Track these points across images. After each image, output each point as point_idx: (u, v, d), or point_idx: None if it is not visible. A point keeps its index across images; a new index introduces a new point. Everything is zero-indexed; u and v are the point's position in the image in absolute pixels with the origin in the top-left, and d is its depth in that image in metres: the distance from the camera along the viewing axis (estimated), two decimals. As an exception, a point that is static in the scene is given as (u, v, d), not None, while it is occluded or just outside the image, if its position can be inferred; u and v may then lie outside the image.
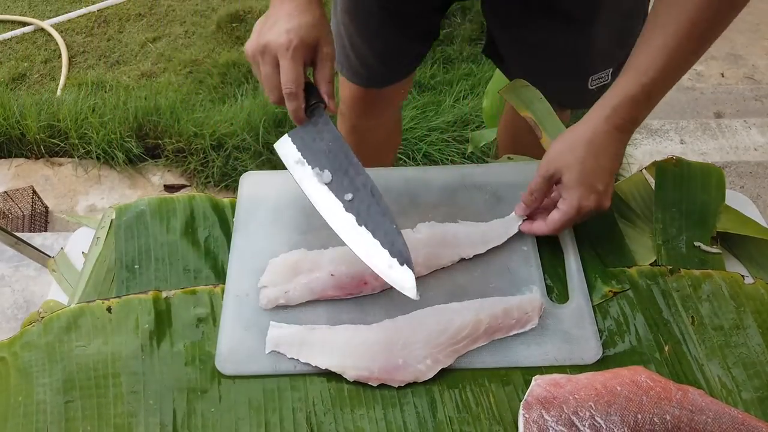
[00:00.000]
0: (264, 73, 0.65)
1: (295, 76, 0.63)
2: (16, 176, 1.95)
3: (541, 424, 0.57)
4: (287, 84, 0.63)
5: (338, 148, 0.66)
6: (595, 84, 0.91)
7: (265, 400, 0.61)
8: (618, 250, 0.71)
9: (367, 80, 1.04)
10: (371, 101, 1.09)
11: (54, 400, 0.61)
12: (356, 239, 0.61)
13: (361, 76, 1.03)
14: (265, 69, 0.64)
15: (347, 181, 0.64)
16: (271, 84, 0.65)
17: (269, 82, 0.65)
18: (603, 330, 0.65)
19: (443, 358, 0.63)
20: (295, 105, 0.65)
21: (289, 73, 0.63)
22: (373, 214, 0.62)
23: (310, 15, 0.64)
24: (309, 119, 0.67)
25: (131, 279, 0.69)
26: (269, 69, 0.64)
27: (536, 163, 0.78)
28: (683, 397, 0.58)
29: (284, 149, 0.68)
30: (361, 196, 0.63)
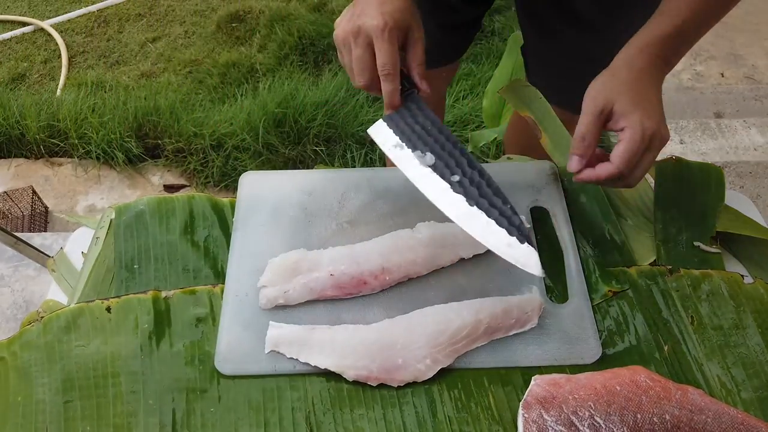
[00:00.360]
0: (356, 56, 0.63)
1: (393, 57, 0.62)
2: (16, 176, 1.95)
3: (540, 423, 0.57)
4: (385, 65, 0.62)
5: (437, 131, 0.65)
6: None
7: (265, 399, 0.61)
8: (617, 249, 0.71)
9: None
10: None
11: (53, 399, 0.61)
12: (469, 220, 0.61)
13: None
14: (357, 51, 0.63)
15: (452, 162, 0.64)
16: (362, 65, 0.63)
17: (361, 64, 0.63)
18: (602, 330, 0.65)
19: (443, 358, 0.63)
20: (392, 87, 0.64)
21: (387, 54, 0.62)
22: (485, 193, 0.62)
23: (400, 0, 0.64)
24: (402, 103, 0.66)
25: (130, 279, 0.69)
26: (361, 51, 0.63)
27: (534, 162, 0.78)
28: (683, 396, 0.58)
29: (380, 134, 0.67)
30: (469, 177, 0.63)
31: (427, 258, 0.68)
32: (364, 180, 0.77)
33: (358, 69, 0.64)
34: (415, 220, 0.72)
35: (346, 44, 0.64)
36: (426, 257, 0.68)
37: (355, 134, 1.94)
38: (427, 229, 0.70)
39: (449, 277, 0.69)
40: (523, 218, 0.71)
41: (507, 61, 1.62)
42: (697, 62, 2.30)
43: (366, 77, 0.64)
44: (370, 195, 0.75)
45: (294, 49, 2.33)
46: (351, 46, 0.63)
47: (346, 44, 0.64)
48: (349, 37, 0.63)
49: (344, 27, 0.64)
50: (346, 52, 0.65)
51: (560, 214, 0.72)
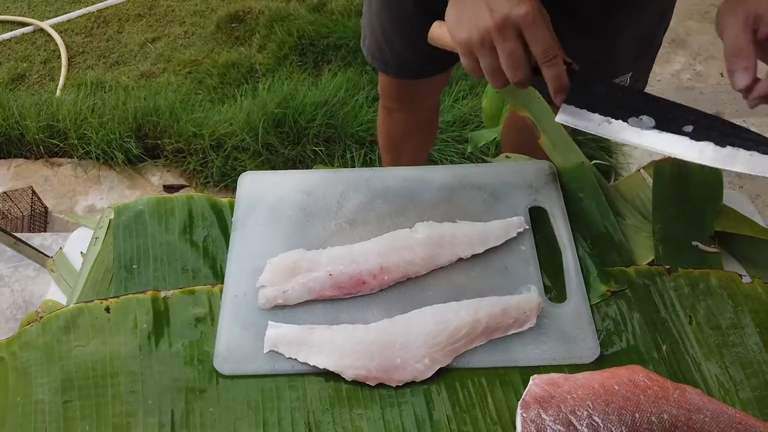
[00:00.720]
0: (509, 50, 0.59)
1: (553, 39, 0.59)
2: (16, 176, 1.95)
3: (538, 423, 0.57)
4: (548, 50, 0.58)
5: (628, 93, 0.62)
6: None
7: (264, 399, 0.61)
8: (616, 249, 0.71)
9: (398, 71, 1.05)
10: (405, 90, 1.11)
11: (52, 400, 0.61)
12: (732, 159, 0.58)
13: (393, 67, 1.04)
14: (509, 45, 0.58)
15: (670, 116, 0.60)
16: (517, 59, 0.59)
17: (515, 58, 0.59)
18: (601, 329, 0.65)
19: (441, 358, 0.63)
20: (559, 69, 0.60)
21: (546, 39, 0.58)
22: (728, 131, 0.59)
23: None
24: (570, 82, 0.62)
25: (130, 279, 0.70)
26: (514, 44, 0.58)
27: (532, 162, 0.78)
28: (681, 396, 0.58)
29: (577, 119, 0.62)
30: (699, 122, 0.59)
31: (426, 258, 0.69)
32: (363, 180, 0.77)
33: (514, 64, 0.59)
34: (414, 220, 0.72)
35: (485, 43, 0.59)
36: (424, 257, 0.68)
37: (355, 134, 1.94)
38: (426, 229, 0.70)
39: (448, 277, 0.69)
40: (522, 219, 0.71)
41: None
42: (696, 62, 2.31)
43: (524, 71, 0.60)
44: (369, 195, 0.75)
45: (293, 50, 2.33)
46: (498, 43, 0.59)
47: (485, 43, 0.59)
48: (492, 34, 0.58)
49: (479, 24, 0.59)
50: (487, 52, 0.60)
51: (559, 213, 0.72)
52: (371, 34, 1.02)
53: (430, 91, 1.16)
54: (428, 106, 1.24)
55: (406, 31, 0.96)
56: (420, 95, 1.14)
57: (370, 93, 2.08)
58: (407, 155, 1.31)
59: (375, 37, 1.02)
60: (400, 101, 1.16)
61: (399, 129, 1.24)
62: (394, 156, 1.32)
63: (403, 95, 1.13)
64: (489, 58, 0.60)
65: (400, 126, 1.23)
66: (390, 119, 1.22)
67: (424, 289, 0.68)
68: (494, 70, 0.61)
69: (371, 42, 1.03)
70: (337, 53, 2.30)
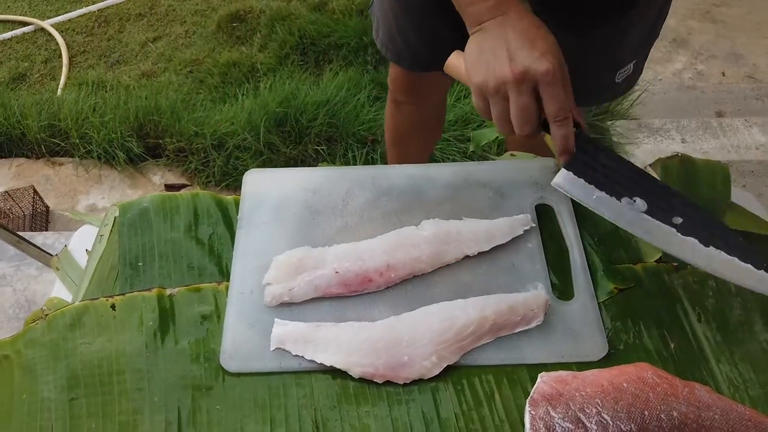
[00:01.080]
0: (522, 105, 0.58)
1: (568, 101, 0.59)
2: (17, 176, 1.95)
3: (547, 420, 0.57)
4: (560, 111, 0.58)
5: (627, 170, 0.62)
6: (621, 77, 0.91)
7: (270, 397, 0.61)
8: (623, 246, 0.70)
9: (411, 63, 1.05)
10: (415, 83, 1.11)
11: (58, 397, 0.61)
12: (709, 261, 0.58)
13: (405, 58, 1.04)
14: (523, 99, 0.58)
15: (664, 204, 0.60)
16: (528, 115, 0.59)
17: (527, 113, 0.59)
18: (609, 327, 0.65)
19: (448, 355, 0.62)
20: (569, 130, 0.60)
21: (561, 99, 0.58)
22: (716, 231, 0.59)
23: (545, 31, 0.60)
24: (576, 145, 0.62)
25: (135, 276, 0.69)
26: (528, 99, 0.58)
27: (538, 159, 0.78)
28: (690, 393, 0.57)
29: (572, 187, 0.63)
30: (690, 216, 0.60)
31: (432, 255, 0.68)
32: (368, 178, 0.76)
33: (524, 118, 0.59)
34: (420, 217, 0.72)
35: (499, 92, 0.59)
36: (431, 254, 0.68)
37: (357, 134, 1.94)
38: (432, 227, 0.70)
39: (454, 275, 0.68)
40: (528, 216, 0.71)
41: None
42: (698, 61, 2.31)
43: (531, 126, 0.60)
44: (375, 193, 0.75)
45: (295, 49, 2.33)
46: (513, 95, 0.58)
47: (499, 92, 0.59)
48: (508, 86, 0.58)
49: (497, 72, 0.58)
50: (500, 100, 0.59)
51: (565, 211, 0.72)
52: (384, 25, 1.02)
53: (439, 85, 1.16)
54: (436, 101, 1.24)
55: (418, 21, 0.96)
56: (429, 89, 1.14)
57: (372, 92, 2.08)
58: (413, 150, 1.31)
59: (388, 28, 1.01)
60: (410, 94, 1.15)
61: (406, 122, 1.24)
62: (399, 151, 1.32)
63: (413, 88, 1.13)
64: (500, 106, 0.60)
65: (407, 119, 1.23)
66: (398, 112, 1.22)
67: (430, 287, 0.68)
68: (503, 119, 0.61)
69: (384, 33, 1.03)
70: (338, 53, 2.30)
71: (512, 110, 0.59)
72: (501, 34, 0.59)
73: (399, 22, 0.98)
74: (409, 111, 1.21)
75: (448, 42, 1.01)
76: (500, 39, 0.59)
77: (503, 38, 0.59)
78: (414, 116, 1.22)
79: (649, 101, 2.08)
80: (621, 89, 0.96)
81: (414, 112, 1.21)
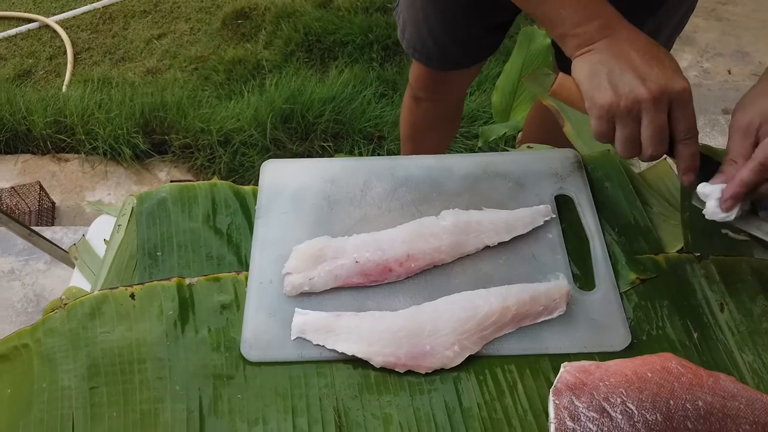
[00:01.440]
0: (658, 125, 0.57)
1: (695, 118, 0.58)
2: (23, 172, 1.94)
3: (572, 410, 0.56)
4: (693, 128, 0.58)
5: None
6: None
7: (292, 386, 0.61)
8: (644, 237, 0.70)
9: (440, 63, 1.05)
10: (439, 81, 1.11)
11: (79, 386, 0.60)
12: None
13: (435, 59, 1.04)
14: (659, 119, 0.56)
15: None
16: (663, 135, 0.58)
17: (662, 134, 0.57)
18: (631, 317, 0.65)
19: (471, 345, 0.62)
20: (696, 148, 0.59)
21: (693, 115, 0.57)
22: None
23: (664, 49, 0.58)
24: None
25: (154, 266, 0.69)
26: (664, 119, 0.57)
27: (557, 150, 0.77)
28: (715, 383, 0.57)
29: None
30: None
31: (452, 245, 0.68)
32: (386, 168, 0.76)
33: (660, 139, 0.57)
34: (439, 208, 0.72)
35: (631, 112, 0.57)
36: (451, 244, 0.68)
37: (363, 130, 1.94)
38: (452, 217, 0.70)
39: (474, 265, 0.68)
40: (549, 207, 0.71)
41: (517, 57, 1.61)
42: (704, 59, 2.30)
43: (665, 146, 0.58)
44: (393, 183, 0.75)
45: (300, 46, 2.33)
46: (649, 114, 0.57)
47: (631, 112, 0.57)
48: (643, 105, 0.56)
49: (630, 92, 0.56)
50: (631, 122, 0.57)
51: (585, 202, 0.72)
52: (413, 26, 1.02)
53: (462, 82, 1.17)
54: (456, 97, 1.24)
55: (450, 21, 0.95)
56: (452, 86, 1.14)
57: (378, 89, 2.08)
58: (428, 147, 1.31)
59: (417, 29, 1.01)
60: (432, 91, 1.15)
61: (424, 119, 1.23)
62: (414, 146, 1.32)
63: (436, 86, 1.13)
64: (631, 128, 0.58)
65: (425, 116, 1.22)
66: (417, 108, 1.22)
67: (450, 277, 0.67)
68: (632, 140, 0.59)
69: (412, 34, 1.02)
70: (343, 49, 2.30)
71: (646, 131, 0.57)
72: (621, 54, 0.57)
73: (430, 23, 0.98)
74: (428, 107, 1.20)
75: (480, 41, 1.01)
76: (622, 59, 0.57)
77: (625, 58, 0.57)
78: (433, 113, 1.22)
79: (656, 99, 2.07)
80: None
81: (433, 108, 1.21)
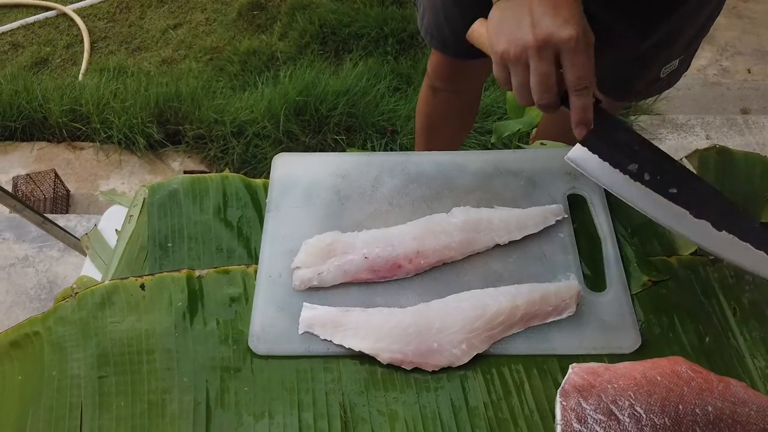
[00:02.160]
0: (543, 71, 0.57)
1: (590, 68, 0.57)
2: (39, 159, 1.96)
3: (579, 412, 0.56)
4: (582, 79, 0.57)
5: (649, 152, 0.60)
6: (666, 72, 0.90)
7: (298, 380, 0.61)
8: (657, 238, 0.69)
9: (456, 51, 1.03)
10: (457, 71, 1.10)
11: (88, 375, 0.61)
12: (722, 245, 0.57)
13: (451, 47, 1.03)
14: (543, 66, 0.57)
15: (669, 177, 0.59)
16: (549, 82, 0.57)
17: (546, 82, 0.57)
18: (641, 319, 0.64)
19: (478, 344, 0.62)
20: (588, 101, 0.59)
21: (584, 67, 0.56)
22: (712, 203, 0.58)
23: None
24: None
25: (164, 257, 0.69)
26: (548, 67, 0.57)
27: (570, 148, 0.76)
28: (725, 389, 0.56)
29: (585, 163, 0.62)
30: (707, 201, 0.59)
31: (462, 243, 0.68)
32: (398, 164, 0.76)
33: (545, 86, 0.58)
34: (450, 205, 0.71)
35: (520, 60, 0.57)
36: (461, 242, 0.68)
37: (376, 124, 1.93)
38: (462, 214, 0.69)
39: (484, 263, 0.68)
40: (561, 207, 0.70)
41: (533, 52, 1.60)
42: (723, 58, 2.27)
43: (554, 95, 0.58)
44: (404, 179, 0.74)
45: (315, 38, 2.32)
46: (533, 61, 0.57)
47: (520, 60, 0.57)
48: (529, 52, 0.56)
49: (519, 39, 0.57)
50: (521, 69, 0.58)
51: (598, 201, 0.71)
52: (431, 13, 1.00)
53: (479, 73, 1.15)
54: (473, 89, 1.22)
55: (466, 9, 0.94)
56: (470, 76, 1.13)
57: (392, 83, 2.07)
58: (443, 138, 1.30)
59: (435, 16, 1.00)
60: (450, 81, 1.14)
61: (441, 110, 1.22)
62: (429, 137, 1.30)
63: (453, 76, 1.11)
64: (521, 75, 0.58)
65: (442, 107, 1.21)
66: (434, 99, 1.21)
67: (460, 275, 0.67)
68: (524, 88, 0.59)
69: (430, 21, 1.01)
70: (358, 42, 2.29)
71: (532, 78, 0.58)
72: (526, 1, 0.57)
73: (447, 10, 0.96)
74: (446, 98, 1.19)
75: None
76: (524, 6, 0.57)
77: (527, 5, 0.57)
78: (450, 104, 1.21)
79: (674, 97, 2.05)
80: (664, 85, 0.94)
81: (450, 99, 1.19)
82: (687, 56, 0.92)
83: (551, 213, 0.70)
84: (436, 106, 1.22)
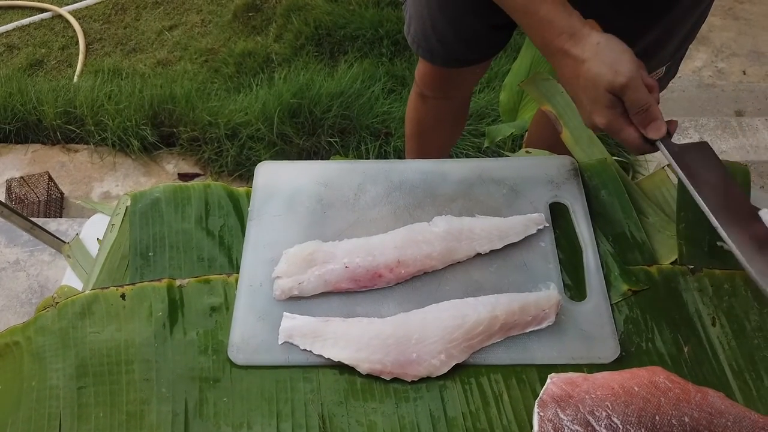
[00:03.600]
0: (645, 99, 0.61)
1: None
2: (33, 162, 1.96)
3: (556, 422, 0.56)
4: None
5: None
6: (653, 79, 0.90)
7: (277, 390, 0.61)
8: (638, 247, 0.69)
9: (444, 60, 1.04)
10: (445, 79, 1.10)
11: (67, 385, 0.61)
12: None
13: (439, 56, 1.03)
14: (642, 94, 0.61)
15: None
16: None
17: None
18: (621, 329, 0.64)
19: (457, 354, 0.62)
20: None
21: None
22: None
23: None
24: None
25: (145, 266, 0.69)
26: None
27: (553, 157, 0.76)
28: (702, 399, 0.56)
29: None
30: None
31: (443, 252, 0.68)
32: (381, 172, 0.76)
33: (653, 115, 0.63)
34: (432, 213, 0.71)
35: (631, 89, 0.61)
36: (442, 251, 0.68)
37: (370, 126, 1.93)
38: (444, 223, 0.69)
39: (465, 272, 0.68)
40: (542, 215, 0.70)
41: (526, 54, 1.60)
42: (718, 59, 2.26)
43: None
44: (387, 187, 0.74)
45: (310, 40, 2.32)
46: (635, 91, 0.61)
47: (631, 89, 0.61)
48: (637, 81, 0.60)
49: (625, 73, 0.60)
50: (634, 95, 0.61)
51: (580, 210, 0.71)
52: (417, 22, 1.01)
53: (468, 80, 1.15)
54: (463, 96, 1.22)
55: (453, 18, 0.94)
56: (459, 84, 1.13)
57: (387, 85, 2.07)
58: (434, 145, 1.30)
59: (422, 25, 1.00)
60: (438, 89, 1.14)
61: (430, 117, 1.22)
62: (420, 143, 1.30)
63: (442, 84, 1.12)
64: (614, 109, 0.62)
65: (431, 114, 1.21)
66: (423, 106, 1.21)
67: (441, 284, 0.67)
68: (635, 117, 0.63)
69: (417, 30, 1.02)
70: (353, 44, 2.29)
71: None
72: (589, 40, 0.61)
73: (434, 20, 0.97)
74: (435, 105, 1.19)
75: (485, 39, 1.00)
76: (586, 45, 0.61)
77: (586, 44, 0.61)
78: (439, 110, 1.21)
79: (668, 99, 2.05)
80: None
81: (440, 106, 1.20)
82: (674, 63, 0.92)
83: (533, 222, 0.70)
84: (426, 113, 1.22)
